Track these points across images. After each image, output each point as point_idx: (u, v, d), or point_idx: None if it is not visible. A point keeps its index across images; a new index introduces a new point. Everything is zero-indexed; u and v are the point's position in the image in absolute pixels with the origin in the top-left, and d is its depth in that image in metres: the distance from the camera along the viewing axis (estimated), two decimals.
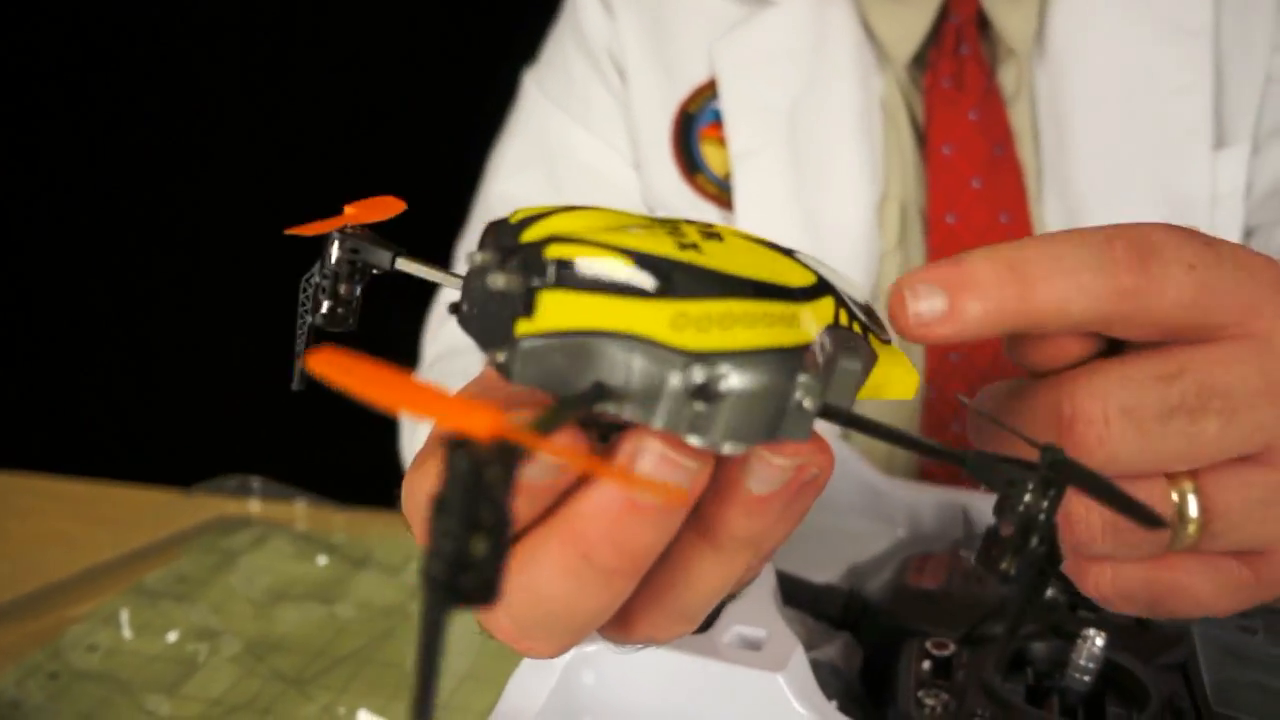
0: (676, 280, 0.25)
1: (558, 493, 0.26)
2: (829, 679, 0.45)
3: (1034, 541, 0.24)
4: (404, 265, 0.32)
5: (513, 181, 0.84)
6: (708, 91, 0.80)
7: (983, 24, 0.77)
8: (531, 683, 0.40)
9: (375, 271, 0.32)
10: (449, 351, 0.79)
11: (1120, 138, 0.76)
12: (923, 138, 0.77)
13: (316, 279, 0.32)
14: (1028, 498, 0.24)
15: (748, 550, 0.28)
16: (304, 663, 0.60)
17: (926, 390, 0.75)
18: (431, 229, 1.08)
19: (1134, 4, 0.76)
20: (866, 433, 0.26)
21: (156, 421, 1.66)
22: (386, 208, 0.31)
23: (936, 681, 0.42)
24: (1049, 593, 0.48)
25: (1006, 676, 0.43)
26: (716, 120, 0.79)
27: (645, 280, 0.25)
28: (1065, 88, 0.76)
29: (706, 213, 0.79)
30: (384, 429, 0.79)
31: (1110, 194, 0.75)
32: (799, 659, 0.39)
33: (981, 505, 0.58)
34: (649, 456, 0.25)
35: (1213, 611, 0.33)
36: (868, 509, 0.59)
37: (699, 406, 0.24)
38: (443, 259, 0.85)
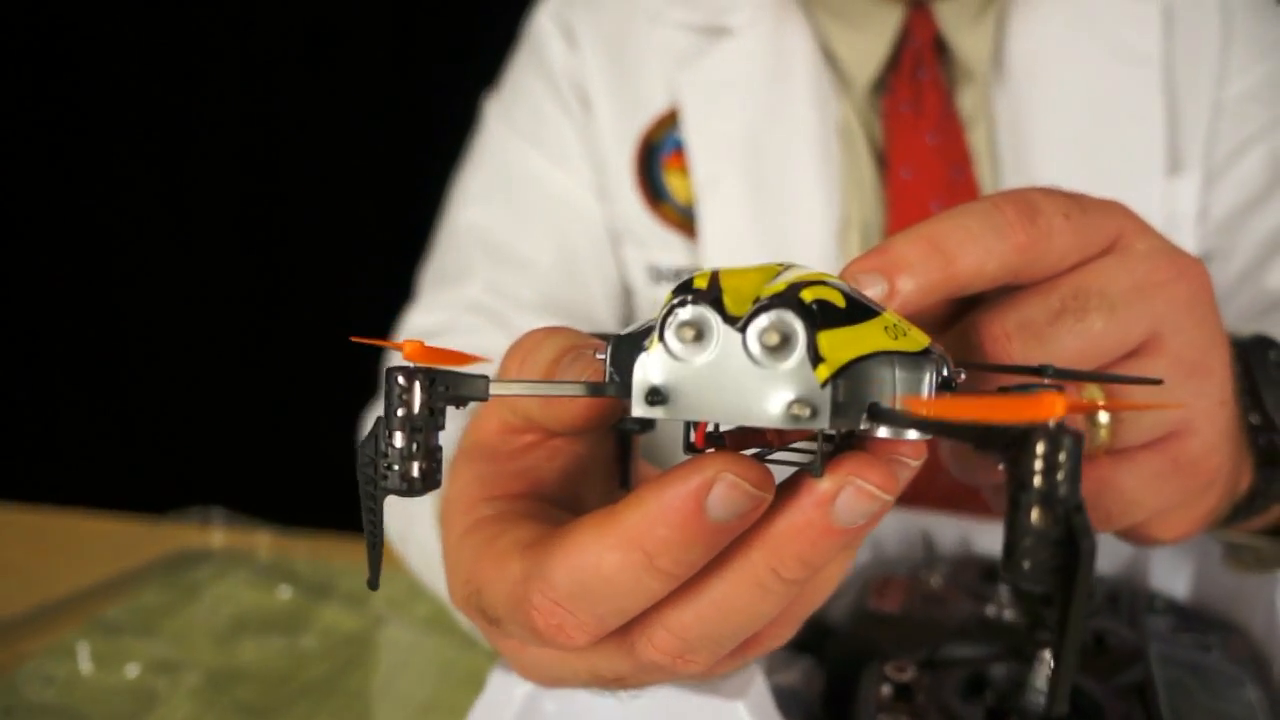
0: (866, 300, 0.27)
1: (756, 518, 0.26)
2: (791, 704, 0.46)
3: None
4: (499, 389, 0.27)
5: (478, 210, 0.84)
6: (669, 121, 0.80)
7: (941, 48, 0.78)
8: (493, 712, 0.39)
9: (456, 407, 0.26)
10: None
11: (1078, 161, 0.77)
12: (883, 161, 0.78)
13: (399, 441, 0.25)
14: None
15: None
16: (266, 694, 0.60)
17: None
18: (387, 256, 1.09)
19: (1088, 30, 0.78)
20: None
21: (116, 450, 1.64)
22: (447, 357, 0.26)
23: (897, 705, 0.43)
24: (1009, 615, 0.49)
25: (966, 699, 0.43)
26: (678, 149, 0.80)
27: (860, 305, 0.26)
28: (1023, 111, 0.77)
29: (670, 240, 0.79)
30: (345, 456, 0.79)
31: None
32: (759, 686, 0.39)
33: (942, 528, 0.59)
34: (884, 474, 0.26)
35: (1147, 508, 0.36)
36: None
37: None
38: (403, 286, 0.86)
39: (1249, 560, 0.52)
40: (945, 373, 0.26)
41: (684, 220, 0.79)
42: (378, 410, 0.74)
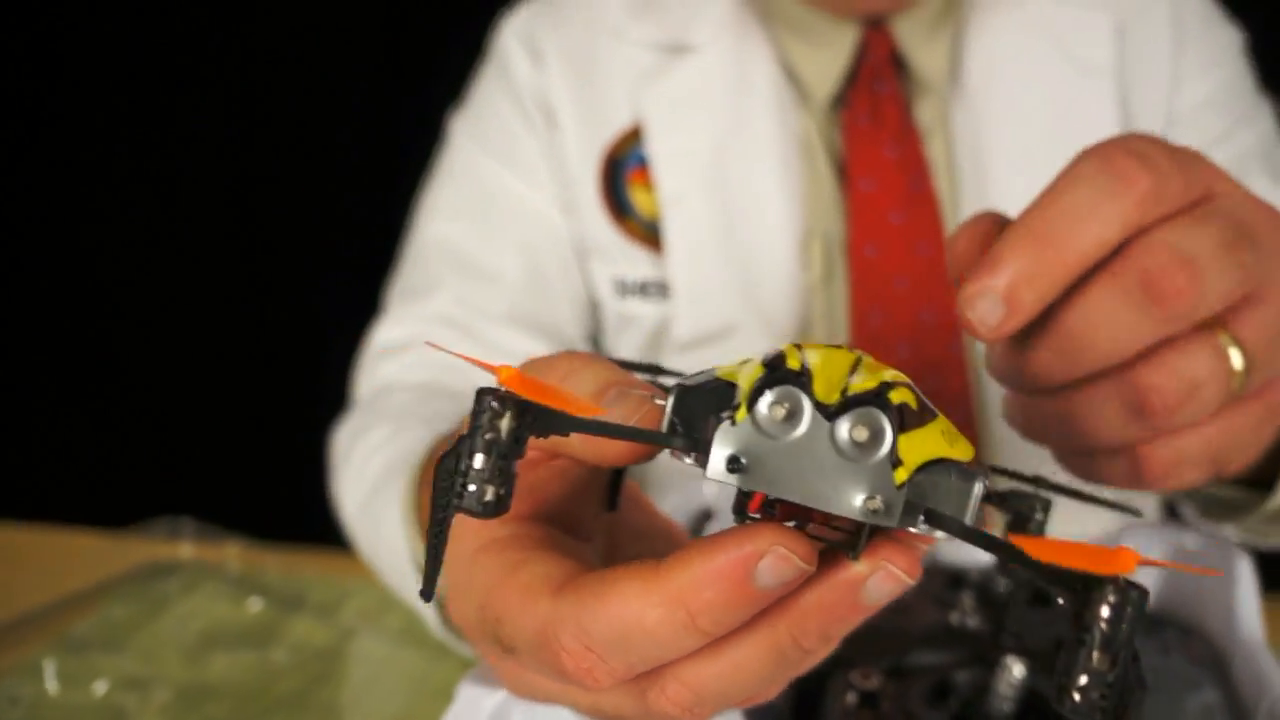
0: (928, 403, 0.27)
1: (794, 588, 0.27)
2: (759, 715, 0.46)
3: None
4: (580, 428, 0.27)
5: (444, 226, 0.84)
6: (634, 137, 0.81)
7: (898, 63, 0.79)
8: None
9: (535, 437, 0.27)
10: (384, 389, 0.79)
11: (1035, 171, 0.78)
12: (843, 174, 0.79)
13: (479, 463, 0.25)
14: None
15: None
16: (237, 709, 0.60)
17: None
18: (357, 269, 1.08)
19: (1042, 43, 0.80)
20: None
21: (83, 462, 1.63)
22: (539, 390, 0.26)
23: (863, 713, 0.43)
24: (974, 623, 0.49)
25: (931, 706, 0.44)
26: (642, 165, 0.81)
27: (927, 408, 0.27)
28: (981, 122, 0.79)
29: (636, 254, 0.80)
30: (315, 468, 0.79)
31: None
32: None
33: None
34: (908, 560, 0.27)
35: (1253, 451, 0.38)
36: None
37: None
38: (374, 300, 0.86)
39: (1217, 512, 0.56)
40: (986, 482, 0.27)
41: (649, 235, 0.80)
42: (359, 422, 0.73)
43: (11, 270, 1.65)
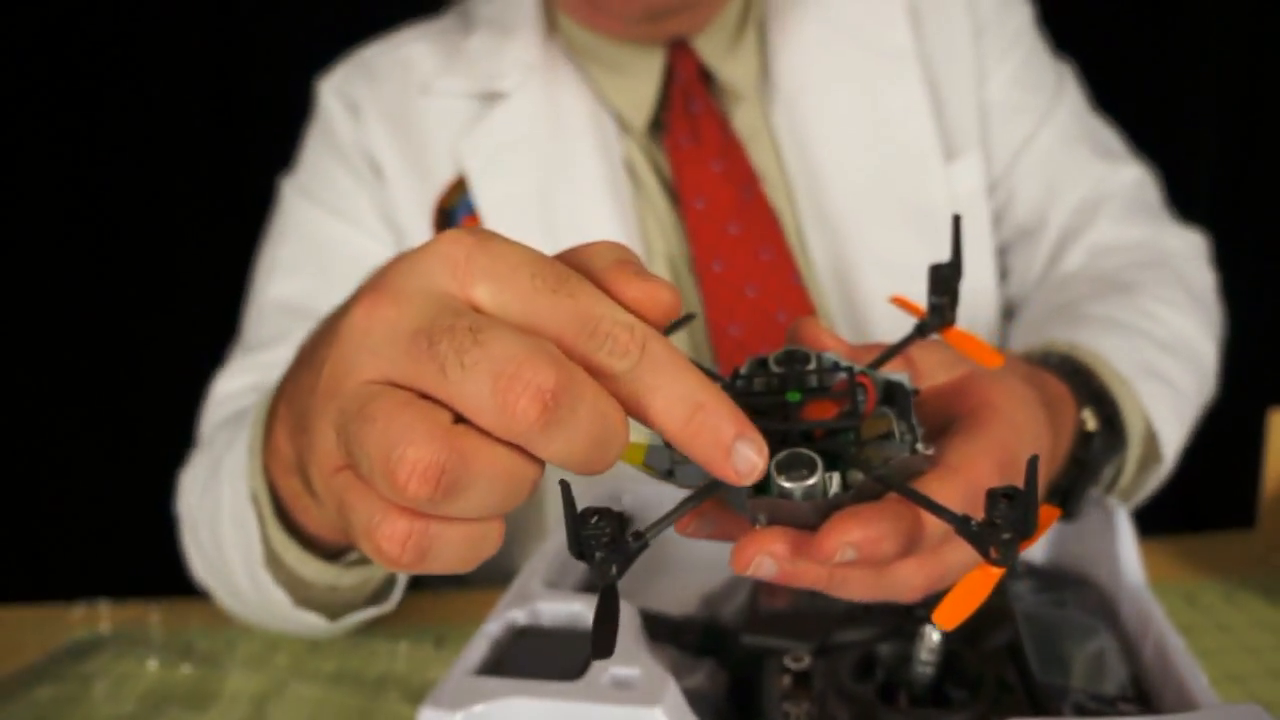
0: None
1: None
2: (700, 705, 0.49)
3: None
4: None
5: (285, 284, 0.85)
6: (461, 188, 0.83)
7: (708, 77, 0.83)
8: None
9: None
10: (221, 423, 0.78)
11: (862, 160, 0.83)
12: (675, 196, 0.82)
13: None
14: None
15: None
16: None
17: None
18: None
19: (843, 34, 0.84)
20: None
21: None
22: None
23: (797, 692, 0.46)
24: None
25: (859, 679, 0.47)
26: (473, 213, 0.82)
27: None
28: (802, 122, 0.83)
29: None
30: None
31: (863, 213, 0.82)
32: (673, 691, 0.42)
33: None
34: None
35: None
36: None
37: None
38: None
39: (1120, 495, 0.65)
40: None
41: None
42: (198, 457, 0.71)
43: None
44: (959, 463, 0.37)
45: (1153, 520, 0.74)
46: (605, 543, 0.31)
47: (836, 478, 0.34)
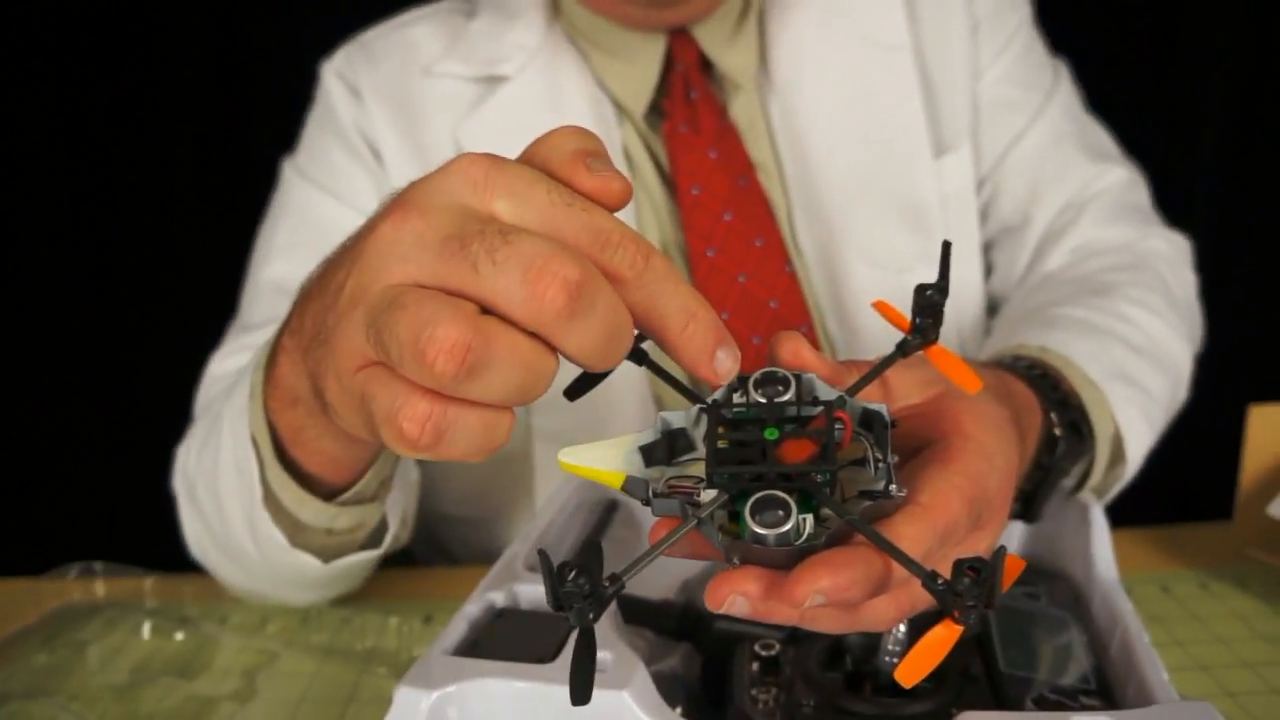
0: None
1: None
2: (673, 687, 0.50)
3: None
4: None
5: (284, 264, 0.85)
6: None
7: (706, 66, 0.84)
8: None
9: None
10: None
11: (853, 153, 0.83)
12: (671, 182, 0.83)
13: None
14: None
15: None
16: None
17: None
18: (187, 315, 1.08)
19: (840, 28, 0.84)
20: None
21: None
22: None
23: (766, 679, 0.47)
24: None
25: (827, 668, 0.48)
26: None
27: None
28: (795, 113, 0.83)
29: None
30: None
31: (853, 206, 0.83)
32: (641, 675, 0.43)
33: None
34: None
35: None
36: None
37: None
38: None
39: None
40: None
41: None
42: (195, 429, 0.72)
43: None
44: (930, 500, 0.38)
45: (1135, 510, 0.75)
46: (584, 596, 0.32)
47: (810, 520, 0.35)
